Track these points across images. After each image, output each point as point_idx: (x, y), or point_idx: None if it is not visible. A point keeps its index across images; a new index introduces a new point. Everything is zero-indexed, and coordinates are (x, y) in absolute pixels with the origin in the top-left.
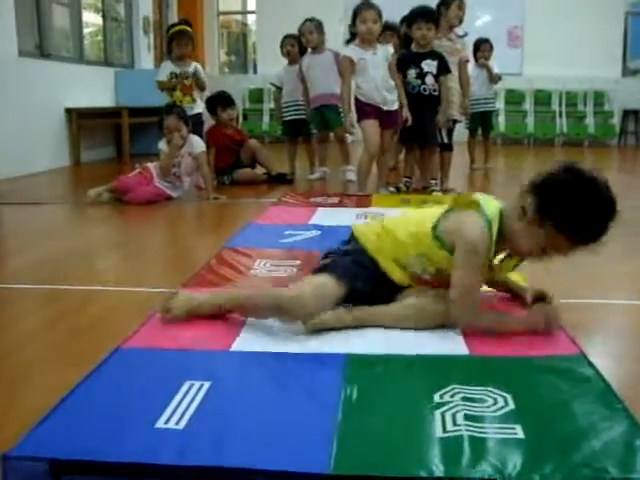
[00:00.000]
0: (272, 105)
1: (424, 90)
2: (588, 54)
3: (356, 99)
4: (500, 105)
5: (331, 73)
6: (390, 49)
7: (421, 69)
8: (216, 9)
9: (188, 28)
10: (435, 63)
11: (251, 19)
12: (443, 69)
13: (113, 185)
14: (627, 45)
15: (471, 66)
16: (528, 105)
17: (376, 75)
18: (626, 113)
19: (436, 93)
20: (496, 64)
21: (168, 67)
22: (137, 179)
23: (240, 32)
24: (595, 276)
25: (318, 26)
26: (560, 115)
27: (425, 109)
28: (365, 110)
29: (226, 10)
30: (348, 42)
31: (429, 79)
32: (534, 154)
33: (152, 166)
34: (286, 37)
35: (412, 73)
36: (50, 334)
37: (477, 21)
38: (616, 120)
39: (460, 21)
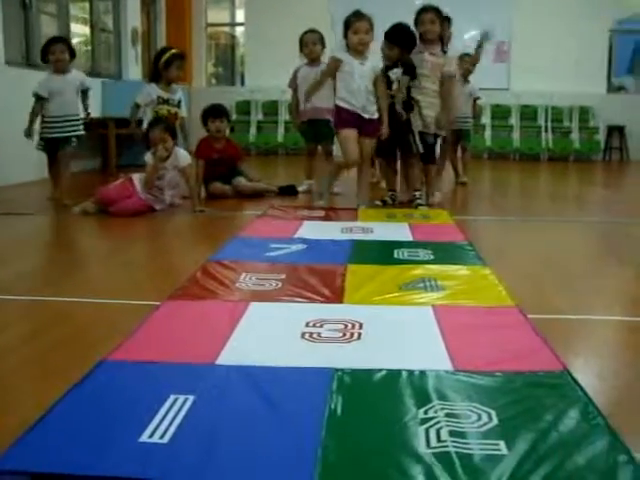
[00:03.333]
0: (260, 117)
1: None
2: (574, 70)
3: (337, 106)
4: (486, 120)
5: (327, 87)
6: (379, 66)
7: (388, 77)
8: (204, 21)
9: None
10: (400, 70)
11: (239, 31)
12: (408, 73)
13: (96, 197)
14: (612, 62)
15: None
16: (514, 120)
17: (361, 83)
18: (610, 129)
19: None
20: (475, 85)
21: (154, 91)
22: (118, 189)
23: (228, 44)
24: (579, 291)
25: (321, 39)
26: (546, 130)
27: (397, 120)
28: (344, 118)
29: (214, 22)
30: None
31: (395, 86)
32: (519, 168)
33: (136, 177)
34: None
35: None
36: (33, 346)
37: (464, 35)
38: (601, 136)
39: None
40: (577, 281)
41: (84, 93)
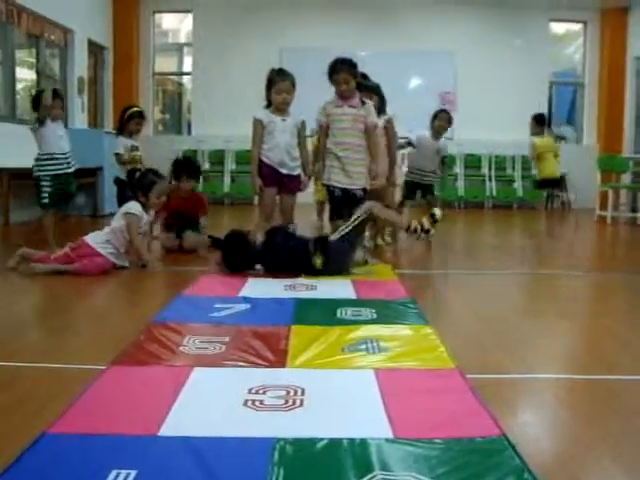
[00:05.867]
0: (207, 166)
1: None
2: (516, 120)
3: (260, 161)
4: None
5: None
6: (300, 118)
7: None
8: (152, 70)
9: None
10: None
11: (186, 78)
12: None
13: (33, 256)
14: (552, 112)
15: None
16: (459, 169)
17: (281, 140)
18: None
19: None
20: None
21: (126, 142)
22: (59, 260)
23: (175, 91)
24: (518, 348)
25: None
26: (490, 179)
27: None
28: (266, 175)
29: (162, 70)
30: (266, 108)
31: None
32: (464, 217)
33: (92, 238)
34: None
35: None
36: None
37: (409, 85)
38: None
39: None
40: (517, 338)
41: None
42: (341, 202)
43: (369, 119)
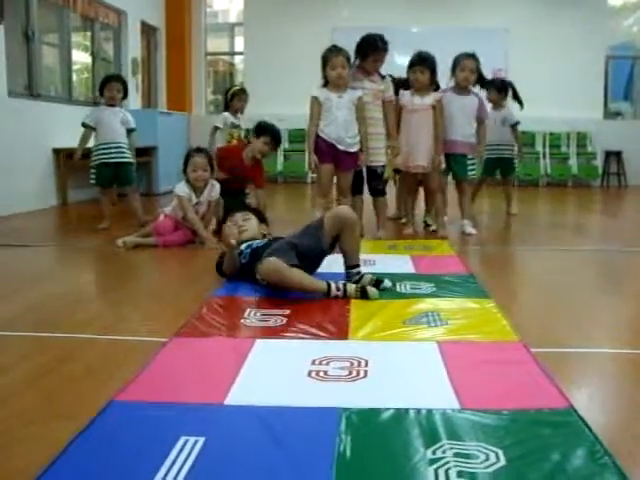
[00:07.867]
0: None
1: None
2: (571, 96)
3: (317, 137)
4: None
5: (461, 115)
6: (357, 93)
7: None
8: (204, 50)
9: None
10: None
11: (238, 58)
12: None
13: (146, 231)
14: (608, 88)
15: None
16: None
17: (339, 115)
18: (608, 154)
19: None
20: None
21: (229, 118)
22: (168, 223)
23: (227, 71)
24: (582, 323)
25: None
26: (544, 156)
27: None
28: (322, 151)
29: (214, 50)
30: (324, 87)
31: None
32: (519, 195)
33: (168, 211)
34: None
35: None
36: (40, 384)
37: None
38: (599, 161)
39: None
40: (579, 313)
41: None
42: (361, 177)
43: (387, 94)
